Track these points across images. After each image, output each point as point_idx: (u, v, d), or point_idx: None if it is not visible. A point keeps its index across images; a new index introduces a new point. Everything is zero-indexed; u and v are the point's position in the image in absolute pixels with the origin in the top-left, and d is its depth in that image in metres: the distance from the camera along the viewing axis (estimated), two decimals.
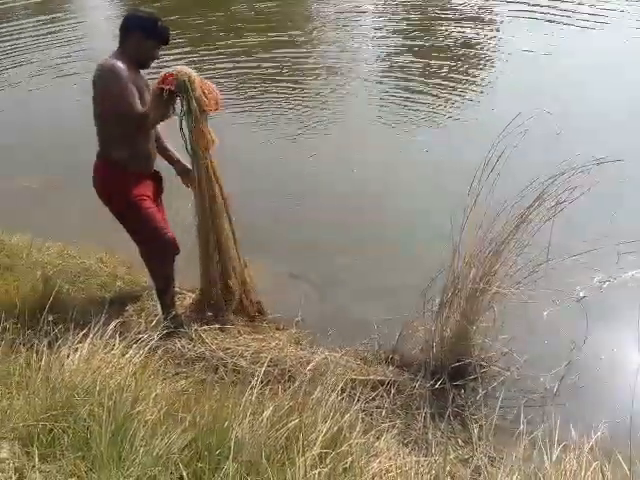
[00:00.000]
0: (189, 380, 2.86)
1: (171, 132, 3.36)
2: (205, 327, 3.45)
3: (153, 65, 3.37)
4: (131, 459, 2.00)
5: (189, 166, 3.41)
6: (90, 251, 4.19)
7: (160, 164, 3.54)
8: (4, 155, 5.87)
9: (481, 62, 8.09)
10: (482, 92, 7.14)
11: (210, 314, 3.55)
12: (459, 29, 9.17)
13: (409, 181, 5.06)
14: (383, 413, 2.88)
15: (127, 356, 2.52)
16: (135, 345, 2.59)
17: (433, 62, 7.97)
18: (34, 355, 2.53)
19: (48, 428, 2.13)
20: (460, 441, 2.80)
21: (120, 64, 3.14)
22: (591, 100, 6.34)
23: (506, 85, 7.09)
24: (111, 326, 2.63)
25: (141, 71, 3.31)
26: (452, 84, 7.28)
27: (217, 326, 3.47)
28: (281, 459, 2.07)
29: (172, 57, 7.76)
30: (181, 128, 3.19)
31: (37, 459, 1.99)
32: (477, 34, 9.03)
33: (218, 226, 3.41)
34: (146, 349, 2.58)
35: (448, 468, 2.43)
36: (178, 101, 3.10)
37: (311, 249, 4.29)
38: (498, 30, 9.30)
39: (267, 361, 3.00)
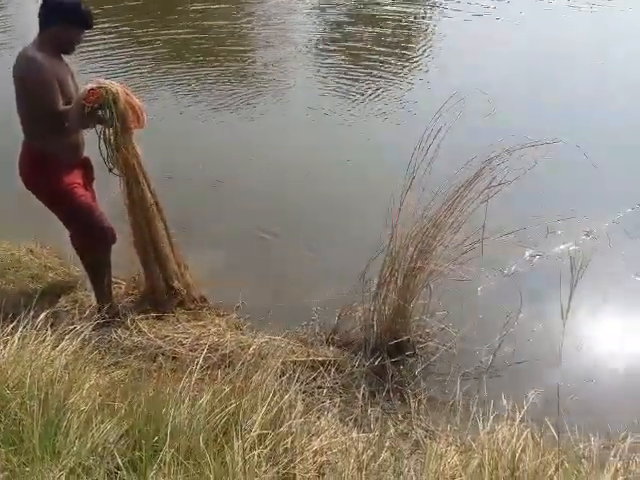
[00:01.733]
0: (126, 370, 2.80)
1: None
2: (142, 316, 3.39)
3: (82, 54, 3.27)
4: (65, 451, 1.96)
5: None
6: (19, 242, 4.04)
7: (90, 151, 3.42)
8: None
9: (421, 36, 8.24)
10: (421, 69, 7.23)
11: (149, 306, 3.49)
12: (398, 5, 9.25)
13: (347, 163, 5.07)
14: (324, 393, 2.91)
15: (59, 347, 2.46)
16: (68, 336, 2.53)
17: (378, 31, 8.08)
18: None
19: None
20: (400, 416, 2.85)
21: (40, 56, 3.02)
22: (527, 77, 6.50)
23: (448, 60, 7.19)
24: (41, 317, 2.55)
25: (64, 57, 3.20)
26: (393, 59, 7.36)
27: (155, 314, 3.42)
28: (220, 443, 2.06)
29: (104, 31, 7.55)
30: (100, 140, 3.13)
31: None
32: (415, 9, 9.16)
33: (153, 231, 3.36)
34: (79, 340, 2.52)
35: (388, 443, 2.47)
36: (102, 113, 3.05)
37: (247, 235, 4.26)
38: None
39: (207, 347, 2.99)
